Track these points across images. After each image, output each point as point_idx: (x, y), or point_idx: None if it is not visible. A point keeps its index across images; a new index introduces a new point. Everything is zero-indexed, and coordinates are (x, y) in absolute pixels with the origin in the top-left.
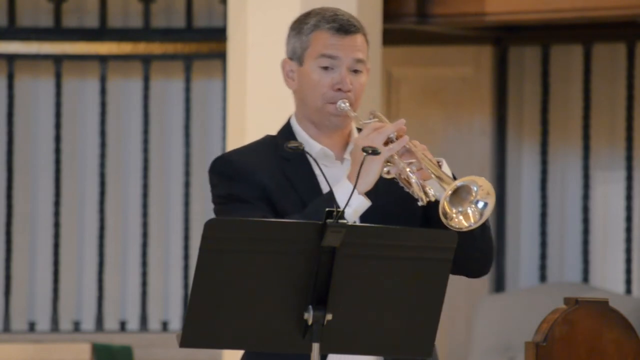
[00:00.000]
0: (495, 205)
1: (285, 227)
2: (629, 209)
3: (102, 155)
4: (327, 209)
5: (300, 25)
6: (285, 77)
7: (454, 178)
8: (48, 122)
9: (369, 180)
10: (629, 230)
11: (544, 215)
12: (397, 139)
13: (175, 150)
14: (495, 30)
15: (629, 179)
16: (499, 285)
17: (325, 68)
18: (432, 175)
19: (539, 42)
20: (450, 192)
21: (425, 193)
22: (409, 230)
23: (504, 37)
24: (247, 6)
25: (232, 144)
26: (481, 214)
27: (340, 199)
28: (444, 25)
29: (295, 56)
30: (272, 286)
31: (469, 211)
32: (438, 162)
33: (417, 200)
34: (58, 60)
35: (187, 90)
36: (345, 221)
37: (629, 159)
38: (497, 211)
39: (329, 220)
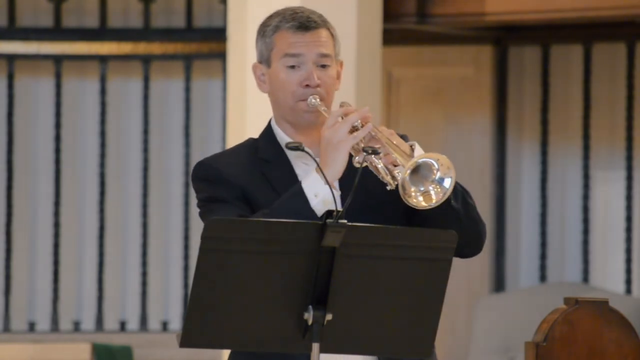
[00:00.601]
0: (495, 205)
1: (286, 227)
2: (629, 209)
3: (102, 155)
4: (328, 209)
5: (264, 28)
6: (257, 82)
7: None
8: (48, 122)
9: (336, 169)
10: (629, 230)
11: (544, 215)
12: (362, 126)
13: (175, 150)
14: (495, 30)
15: (629, 179)
16: (499, 285)
17: (292, 67)
18: (397, 159)
19: (539, 42)
20: (408, 170)
21: (393, 177)
22: (409, 230)
23: (504, 37)
24: (247, 6)
25: (232, 144)
26: (444, 193)
27: (308, 190)
28: (444, 25)
29: (263, 59)
30: (272, 286)
31: (432, 191)
32: (411, 146)
33: (386, 185)
34: (58, 60)
35: (187, 90)
36: (344, 221)
37: (629, 159)
38: (497, 211)
39: (328, 220)
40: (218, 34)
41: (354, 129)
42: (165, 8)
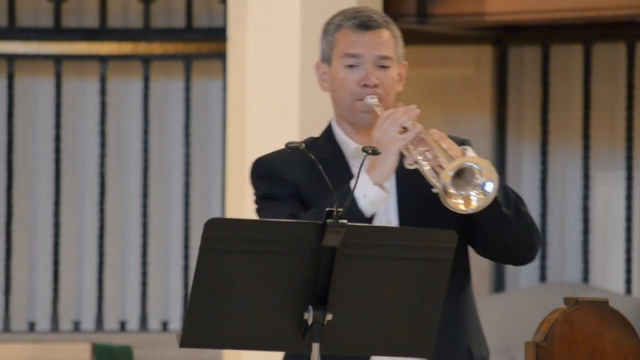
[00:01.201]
0: None
1: (285, 227)
2: (629, 209)
3: (102, 155)
4: (327, 209)
5: (327, 27)
6: (319, 80)
7: None
8: (48, 122)
9: (385, 171)
10: (629, 230)
11: (544, 215)
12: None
13: (175, 150)
14: (495, 30)
15: (629, 179)
16: (499, 285)
17: (351, 66)
18: (443, 163)
19: (539, 42)
20: (449, 172)
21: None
22: (409, 230)
23: (504, 37)
24: (247, 6)
25: (232, 144)
26: (486, 199)
27: (357, 190)
28: (444, 25)
29: (325, 58)
30: (272, 286)
31: (473, 197)
32: (463, 150)
33: (432, 187)
34: (58, 60)
35: (187, 90)
36: (344, 221)
37: (629, 159)
38: None
39: (328, 221)
40: (218, 34)
41: (404, 130)
42: (165, 8)
